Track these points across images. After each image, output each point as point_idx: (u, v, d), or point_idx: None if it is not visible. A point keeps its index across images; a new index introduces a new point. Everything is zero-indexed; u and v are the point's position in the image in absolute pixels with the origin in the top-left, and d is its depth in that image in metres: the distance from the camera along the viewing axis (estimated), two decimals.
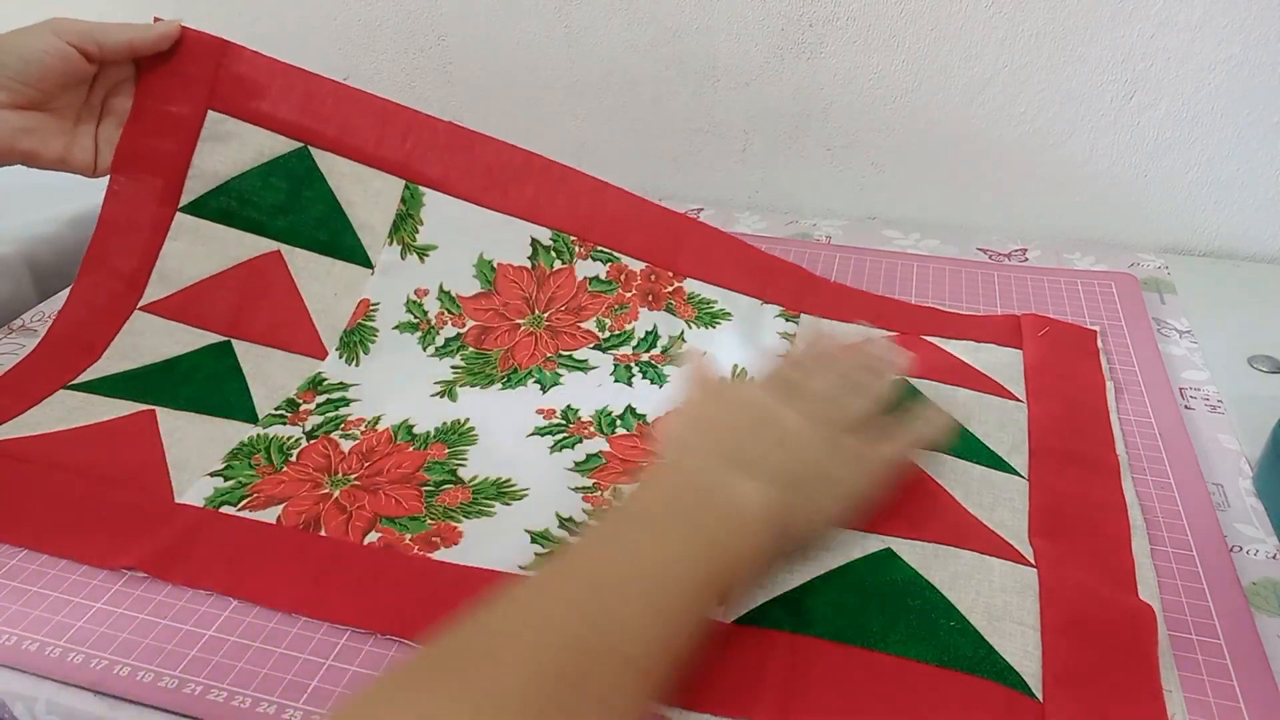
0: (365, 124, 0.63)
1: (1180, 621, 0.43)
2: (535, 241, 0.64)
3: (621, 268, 0.65)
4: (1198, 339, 0.65)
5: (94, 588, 0.45)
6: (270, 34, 0.89)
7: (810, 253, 0.75)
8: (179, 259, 0.62)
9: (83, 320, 0.61)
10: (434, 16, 0.84)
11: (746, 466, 0.42)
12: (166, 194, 0.62)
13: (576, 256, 0.64)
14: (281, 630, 0.43)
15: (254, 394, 0.58)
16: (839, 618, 0.42)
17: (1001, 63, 0.74)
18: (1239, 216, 0.76)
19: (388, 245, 0.63)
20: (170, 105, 0.62)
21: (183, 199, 0.62)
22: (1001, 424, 0.55)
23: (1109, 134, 0.75)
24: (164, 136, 0.62)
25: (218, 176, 0.62)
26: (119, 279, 0.62)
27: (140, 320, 0.61)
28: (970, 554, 0.45)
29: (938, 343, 0.62)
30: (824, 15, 0.75)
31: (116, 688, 0.41)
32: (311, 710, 0.40)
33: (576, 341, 0.62)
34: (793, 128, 0.81)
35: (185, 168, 0.62)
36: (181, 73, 0.62)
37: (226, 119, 0.62)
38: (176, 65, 0.62)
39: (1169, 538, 0.48)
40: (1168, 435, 0.55)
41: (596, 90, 0.84)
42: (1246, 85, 0.70)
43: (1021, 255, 0.76)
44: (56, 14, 0.57)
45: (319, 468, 0.53)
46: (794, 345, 0.58)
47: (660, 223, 0.65)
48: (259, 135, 0.63)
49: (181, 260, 0.62)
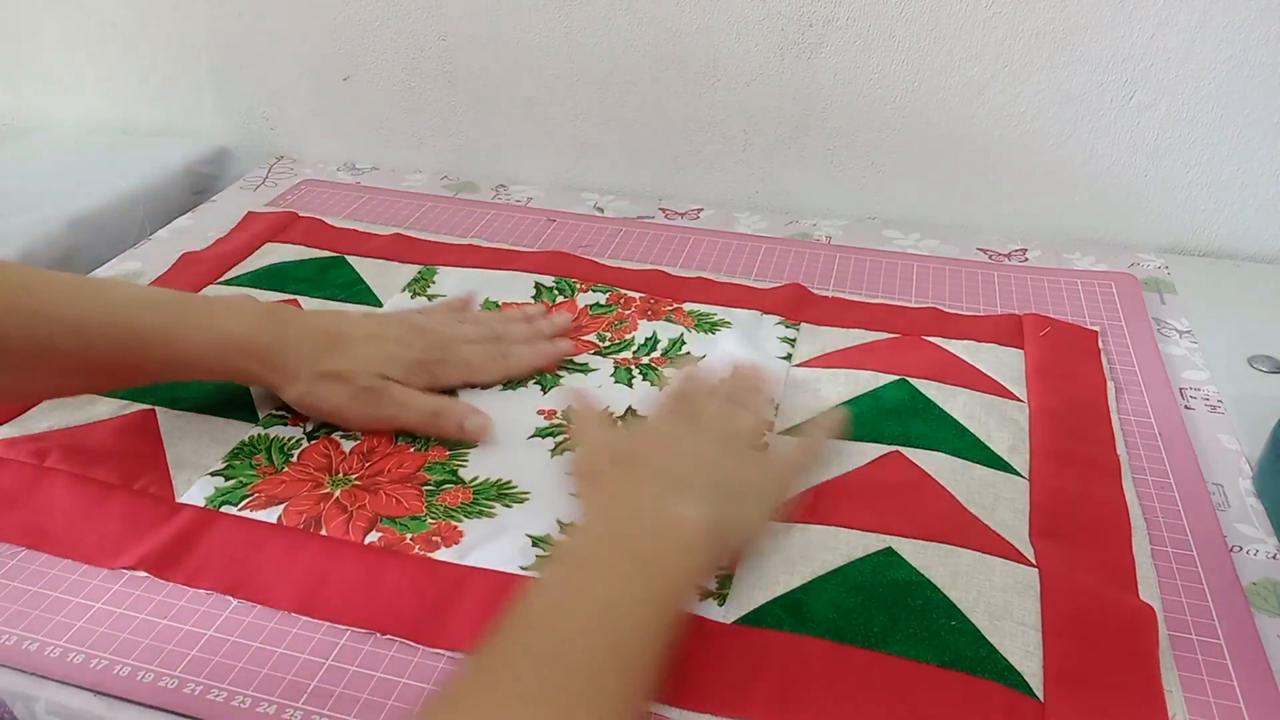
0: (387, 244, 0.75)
1: (1180, 621, 0.43)
2: (539, 285, 0.69)
3: (620, 295, 0.68)
4: (1198, 339, 0.65)
5: (94, 588, 0.45)
6: (271, 34, 0.89)
7: (810, 253, 0.75)
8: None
9: None
10: (434, 16, 0.84)
11: (675, 490, 0.43)
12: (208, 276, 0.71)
13: (578, 291, 0.69)
14: (281, 630, 0.43)
15: (254, 394, 0.58)
16: (840, 617, 0.43)
17: (1001, 63, 0.74)
18: (1239, 216, 0.76)
19: (400, 293, 0.69)
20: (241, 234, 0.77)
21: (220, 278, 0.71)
22: (1002, 424, 0.55)
23: (1109, 134, 0.75)
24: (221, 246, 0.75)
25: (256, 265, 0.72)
26: None
27: None
28: (971, 553, 0.45)
29: (938, 343, 0.62)
30: (824, 15, 0.75)
31: (116, 688, 0.41)
32: (311, 710, 0.40)
33: (577, 349, 0.63)
34: (793, 128, 0.81)
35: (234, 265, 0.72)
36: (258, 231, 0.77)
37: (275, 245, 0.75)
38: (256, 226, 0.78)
39: (1169, 538, 0.48)
40: (1168, 435, 0.55)
41: (596, 90, 0.84)
42: (1246, 85, 0.70)
43: (1021, 255, 0.76)
44: (56, 13, 0.57)
45: (320, 467, 0.53)
46: (667, 384, 0.59)
47: (661, 276, 0.71)
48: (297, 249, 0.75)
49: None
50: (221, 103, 0.95)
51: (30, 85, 1.00)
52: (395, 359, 0.55)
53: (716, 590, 0.45)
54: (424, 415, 0.54)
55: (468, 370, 0.58)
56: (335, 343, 0.54)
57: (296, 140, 0.95)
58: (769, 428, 0.55)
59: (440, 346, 0.57)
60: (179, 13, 0.91)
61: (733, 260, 0.74)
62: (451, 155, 0.91)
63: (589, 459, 0.51)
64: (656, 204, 0.84)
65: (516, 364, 0.60)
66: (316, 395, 0.53)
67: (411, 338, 0.57)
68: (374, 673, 0.41)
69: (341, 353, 0.54)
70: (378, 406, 0.54)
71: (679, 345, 0.63)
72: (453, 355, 0.58)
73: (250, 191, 0.87)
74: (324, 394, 0.53)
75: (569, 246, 0.76)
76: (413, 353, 0.56)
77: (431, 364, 0.56)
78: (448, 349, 0.58)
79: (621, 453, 0.49)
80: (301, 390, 0.53)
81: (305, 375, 0.53)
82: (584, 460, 0.52)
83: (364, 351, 0.54)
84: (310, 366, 0.53)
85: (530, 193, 0.87)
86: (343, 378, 0.53)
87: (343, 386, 0.53)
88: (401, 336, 0.56)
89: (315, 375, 0.53)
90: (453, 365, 0.57)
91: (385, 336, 0.56)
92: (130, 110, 0.98)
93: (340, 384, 0.53)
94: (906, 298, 0.69)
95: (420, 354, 0.56)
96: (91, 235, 0.80)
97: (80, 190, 0.83)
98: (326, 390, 0.53)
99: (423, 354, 0.56)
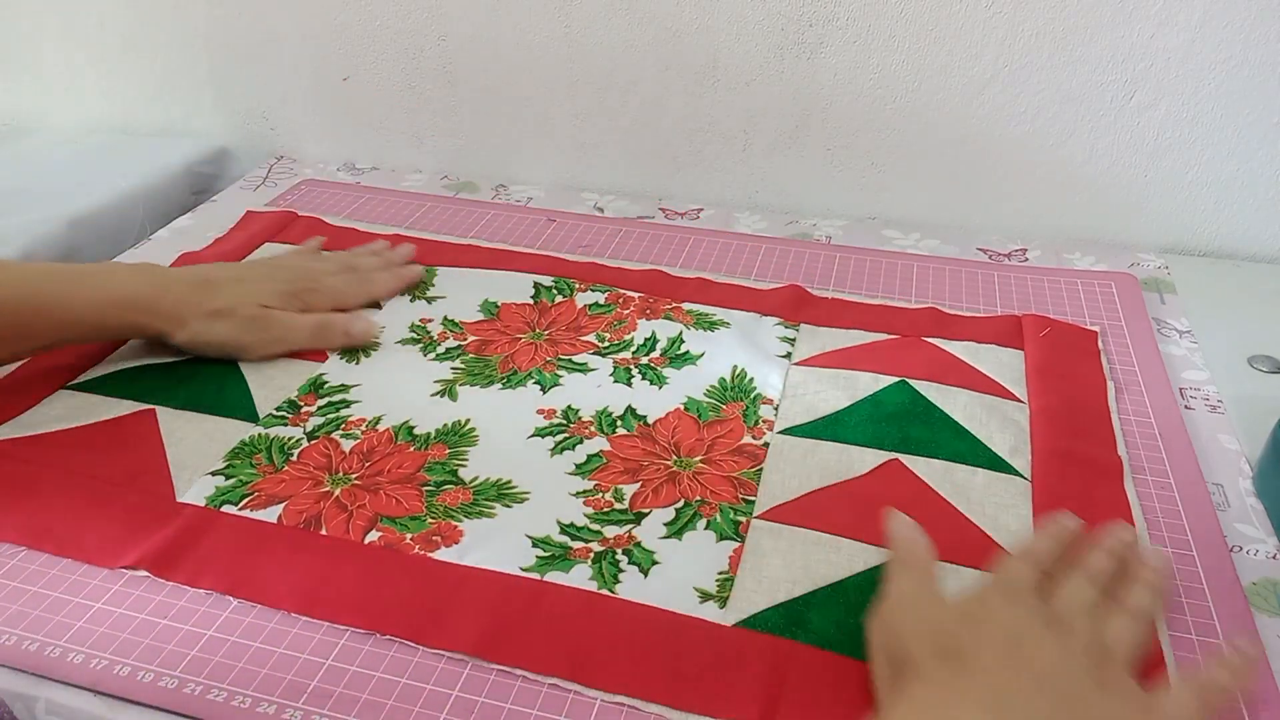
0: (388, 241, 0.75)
1: (1180, 621, 0.43)
2: (538, 285, 0.69)
3: (620, 295, 0.68)
4: (1198, 339, 0.65)
5: (94, 588, 0.45)
6: (271, 34, 0.89)
7: (810, 253, 0.75)
8: None
9: None
10: (434, 16, 0.84)
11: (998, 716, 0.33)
12: None
13: (577, 291, 0.69)
14: (281, 630, 0.43)
15: (255, 394, 0.58)
16: (838, 633, 0.43)
17: (1001, 63, 0.74)
18: (1239, 216, 0.76)
19: (399, 297, 0.69)
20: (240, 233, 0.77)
21: None
22: (1003, 425, 0.55)
23: (1109, 134, 0.75)
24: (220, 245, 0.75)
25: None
26: None
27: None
28: (971, 572, 0.46)
29: (938, 344, 0.62)
30: (824, 15, 0.75)
31: (116, 688, 0.41)
32: (311, 710, 0.40)
33: (576, 349, 0.63)
34: (793, 128, 0.81)
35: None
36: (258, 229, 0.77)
37: (274, 246, 0.75)
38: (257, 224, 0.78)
39: (1169, 538, 0.48)
40: (1168, 435, 0.55)
41: (596, 90, 0.84)
42: (1246, 85, 0.70)
43: (1021, 255, 0.76)
44: (56, 13, 0.58)
45: (320, 467, 0.53)
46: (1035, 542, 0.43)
47: (660, 276, 0.71)
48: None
49: None
50: (221, 103, 0.95)
51: (30, 85, 1.00)
52: (269, 291, 0.61)
53: (717, 593, 0.45)
54: (311, 330, 0.61)
55: (337, 296, 0.64)
56: (211, 285, 0.60)
57: (296, 140, 0.95)
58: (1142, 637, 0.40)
59: (306, 277, 0.64)
60: (179, 13, 0.90)
61: (733, 260, 0.74)
62: (451, 155, 0.91)
63: (902, 633, 0.39)
64: (656, 204, 0.84)
65: (380, 288, 0.67)
66: (207, 332, 0.59)
67: (277, 274, 0.63)
68: (374, 673, 0.41)
69: (219, 291, 0.60)
70: (266, 330, 0.60)
71: (678, 344, 0.63)
72: (320, 285, 0.64)
73: (250, 191, 0.87)
74: (213, 330, 0.59)
75: (569, 246, 0.76)
76: (282, 285, 0.62)
77: (302, 293, 0.63)
78: (314, 279, 0.64)
79: (947, 642, 0.36)
80: (192, 331, 0.59)
81: (191, 317, 0.58)
82: (895, 633, 0.39)
83: (239, 290, 0.60)
84: (194, 309, 0.58)
85: (530, 193, 0.87)
86: (226, 313, 0.59)
87: (229, 320, 0.59)
88: (268, 274, 0.63)
89: (201, 315, 0.59)
90: (322, 293, 0.64)
91: (253, 276, 0.63)
92: (130, 110, 0.98)
93: (226, 319, 0.59)
94: (906, 297, 0.69)
95: (288, 285, 0.62)
96: (91, 235, 0.80)
97: (80, 190, 0.83)
98: (215, 326, 0.59)
99: (290, 285, 0.62)
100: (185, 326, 0.58)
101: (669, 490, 0.51)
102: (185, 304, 0.58)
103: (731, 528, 0.48)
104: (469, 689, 0.41)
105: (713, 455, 0.54)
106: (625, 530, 0.48)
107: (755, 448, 0.54)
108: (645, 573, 0.46)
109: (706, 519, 0.49)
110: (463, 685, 0.41)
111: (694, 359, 0.62)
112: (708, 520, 0.49)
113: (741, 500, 0.50)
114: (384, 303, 0.68)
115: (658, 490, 0.51)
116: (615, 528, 0.49)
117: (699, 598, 0.45)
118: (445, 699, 0.40)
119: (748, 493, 0.51)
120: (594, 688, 0.40)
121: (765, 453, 0.54)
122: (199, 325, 0.59)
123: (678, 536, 0.48)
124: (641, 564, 0.46)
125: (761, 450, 0.54)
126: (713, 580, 0.45)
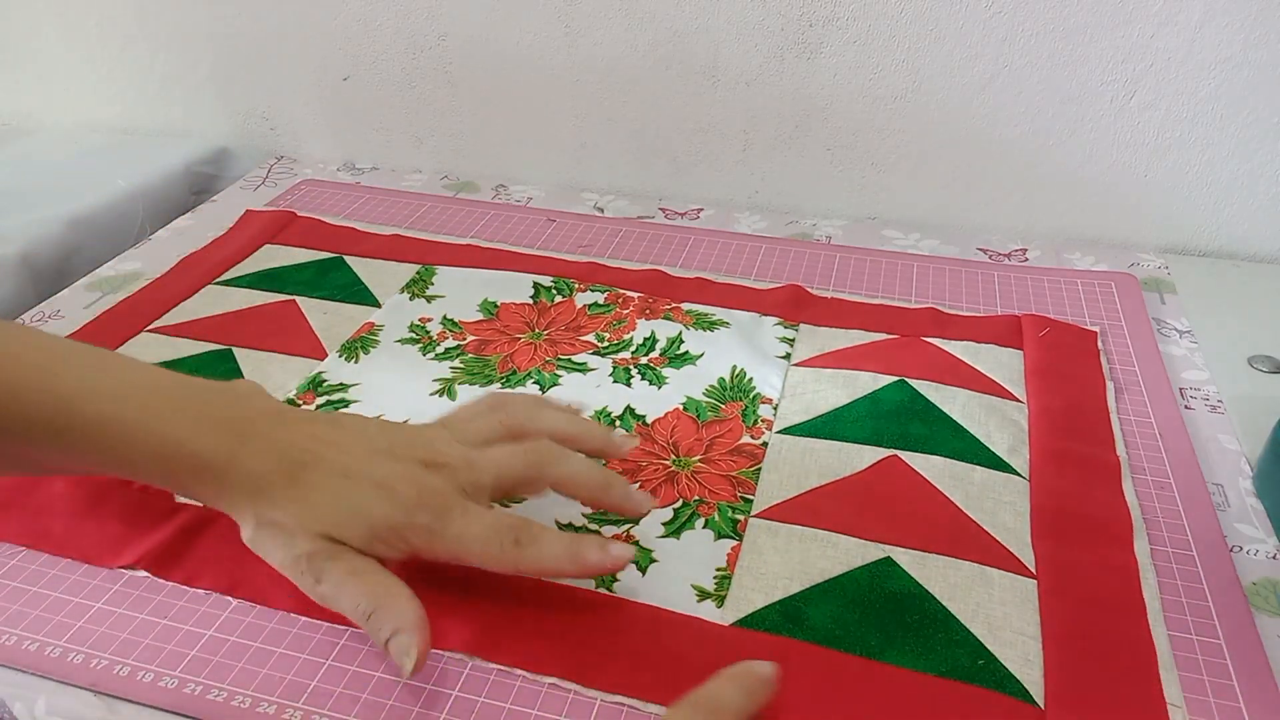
0: (385, 244, 0.76)
1: (1180, 621, 0.43)
2: (537, 285, 0.70)
3: (619, 295, 0.68)
4: (1198, 339, 0.65)
5: (94, 588, 0.45)
6: (271, 34, 0.89)
7: (810, 253, 0.75)
8: (198, 302, 0.68)
9: (89, 333, 0.64)
10: (434, 16, 0.84)
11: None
12: (207, 277, 0.71)
13: (576, 291, 0.69)
14: (281, 630, 0.43)
15: None
16: (838, 628, 0.43)
17: (1001, 63, 0.74)
18: (1239, 216, 0.76)
19: (398, 294, 0.69)
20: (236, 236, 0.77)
21: (219, 278, 0.71)
22: (1002, 425, 0.55)
23: (1109, 134, 0.75)
24: (220, 245, 0.75)
25: (256, 267, 0.73)
26: (137, 316, 0.66)
27: (146, 337, 0.64)
28: (970, 565, 0.46)
29: (938, 344, 0.62)
30: (824, 15, 0.75)
31: (116, 688, 0.41)
32: (311, 710, 0.40)
33: (575, 349, 0.63)
34: (793, 128, 0.81)
35: (232, 265, 0.73)
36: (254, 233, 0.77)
37: (274, 247, 0.75)
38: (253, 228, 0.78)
39: (1169, 538, 0.48)
40: (1168, 435, 0.55)
41: (596, 90, 0.84)
42: (1246, 85, 0.70)
43: (1021, 255, 0.76)
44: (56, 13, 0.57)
45: None
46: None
47: (660, 276, 0.71)
48: (297, 251, 0.75)
49: (199, 303, 0.68)
50: (221, 103, 0.95)
51: (30, 85, 1.00)
52: (362, 515, 0.39)
53: (715, 591, 0.45)
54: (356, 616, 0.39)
55: (460, 549, 0.40)
56: (295, 474, 0.39)
57: (296, 140, 0.95)
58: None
59: (439, 508, 0.40)
60: (179, 13, 0.91)
61: (732, 260, 0.74)
62: (451, 155, 0.91)
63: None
64: (656, 204, 0.84)
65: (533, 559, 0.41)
66: (261, 547, 0.40)
67: (409, 482, 0.40)
68: (374, 673, 0.41)
69: (294, 491, 0.39)
70: (315, 581, 0.39)
71: (677, 344, 0.63)
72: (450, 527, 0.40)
73: (250, 191, 0.87)
74: (266, 548, 0.40)
75: (569, 246, 0.76)
76: (394, 511, 0.39)
77: (413, 530, 0.40)
78: (447, 513, 0.40)
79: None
80: (249, 535, 0.41)
81: (250, 517, 0.40)
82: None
83: (323, 496, 0.39)
84: (255, 505, 0.39)
85: (530, 193, 0.87)
86: (282, 530, 0.39)
87: (284, 544, 0.39)
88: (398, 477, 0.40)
89: (258, 520, 0.40)
90: (442, 540, 0.40)
91: (369, 475, 0.40)
92: (130, 110, 0.98)
93: (281, 538, 0.39)
94: (906, 297, 0.69)
95: (404, 515, 0.39)
96: (91, 235, 0.80)
97: (80, 190, 0.83)
98: (268, 543, 0.40)
99: (407, 516, 0.39)
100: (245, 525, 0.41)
101: (667, 490, 0.51)
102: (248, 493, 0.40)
103: (729, 526, 0.49)
104: (469, 689, 0.41)
105: (711, 455, 0.54)
106: (623, 529, 0.48)
107: (754, 447, 0.54)
108: (643, 571, 0.46)
109: (705, 518, 0.49)
110: (463, 685, 0.41)
111: (693, 359, 0.62)
112: (706, 519, 0.49)
113: (740, 499, 0.50)
114: (384, 303, 0.68)
115: (656, 490, 0.51)
116: (613, 527, 0.49)
117: (697, 596, 0.45)
118: (445, 699, 0.40)
119: (746, 492, 0.51)
120: (593, 688, 0.40)
121: (764, 452, 0.54)
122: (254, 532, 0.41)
123: (676, 536, 0.48)
124: (639, 563, 0.46)
125: (760, 450, 0.54)
126: (710, 578, 0.45)
